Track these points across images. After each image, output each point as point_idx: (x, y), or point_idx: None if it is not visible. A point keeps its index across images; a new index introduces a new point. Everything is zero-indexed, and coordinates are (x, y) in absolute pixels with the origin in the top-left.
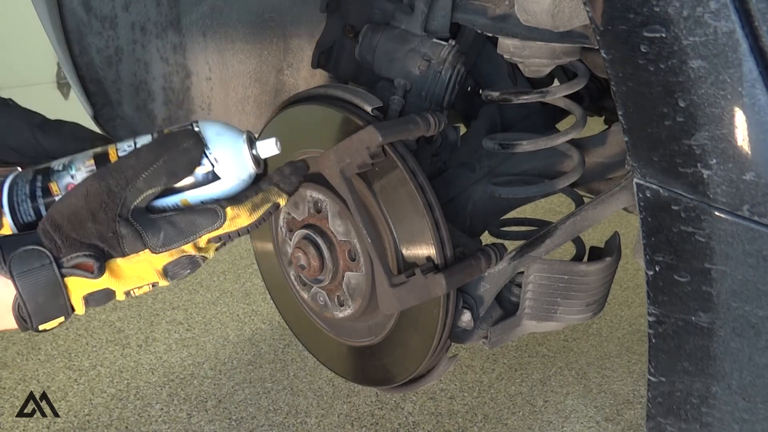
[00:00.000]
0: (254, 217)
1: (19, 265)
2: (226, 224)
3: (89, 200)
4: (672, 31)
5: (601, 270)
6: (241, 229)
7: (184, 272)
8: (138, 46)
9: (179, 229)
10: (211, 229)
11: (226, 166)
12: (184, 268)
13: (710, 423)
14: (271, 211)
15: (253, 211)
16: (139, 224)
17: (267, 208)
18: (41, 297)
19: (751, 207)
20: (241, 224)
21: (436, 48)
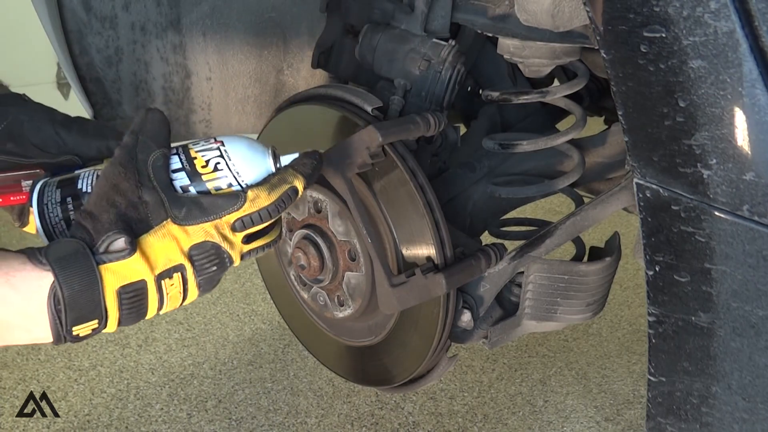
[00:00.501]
0: (273, 197)
1: (54, 253)
2: (247, 205)
3: (108, 177)
4: (672, 31)
5: (601, 270)
6: (261, 210)
7: (210, 267)
8: (138, 46)
9: (201, 207)
10: (231, 209)
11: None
12: (210, 259)
13: (710, 423)
14: (290, 193)
15: (272, 190)
16: (163, 194)
17: (285, 189)
18: (78, 284)
19: (751, 207)
20: (261, 204)
21: (436, 48)
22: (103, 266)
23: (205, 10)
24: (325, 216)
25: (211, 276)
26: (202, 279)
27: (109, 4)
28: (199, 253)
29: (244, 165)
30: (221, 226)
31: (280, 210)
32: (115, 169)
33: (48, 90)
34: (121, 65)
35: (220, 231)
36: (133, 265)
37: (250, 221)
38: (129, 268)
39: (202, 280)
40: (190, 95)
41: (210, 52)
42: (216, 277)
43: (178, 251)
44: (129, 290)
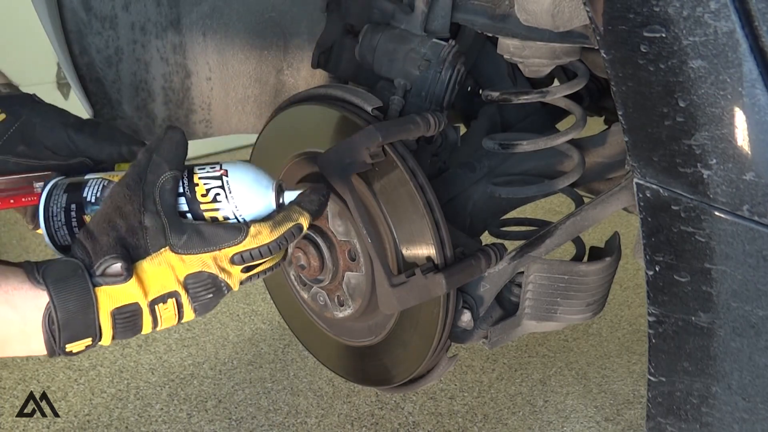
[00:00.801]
0: (275, 234)
1: (52, 273)
2: (248, 240)
3: (114, 198)
4: (672, 31)
5: (601, 270)
6: (262, 247)
7: (206, 294)
8: (138, 46)
9: (203, 237)
10: (232, 243)
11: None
12: (206, 288)
13: (710, 423)
14: (293, 231)
15: (275, 228)
16: (166, 219)
17: (289, 227)
18: (73, 306)
19: (751, 207)
20: (262, 241)
21: (436, 48)
22: (99, 288)
23: (205, 10)
24: (325, 216)
25: (207, 302)
26: (198, 305)
27: (109, 4)
28: (195, 281)
29: (244, 199)
30: (220, 258)
31: (282, 247)
32: (122, 191)
33: (48, 90)
34: (121, 65)
35: (218, 263)
36: (128, 290)
37: (249, 256)
38: (124, 293)
39: (197, 306)
40: (190, 95)
41: (210, 52)
42: (212, 302)
43: (173, 279)
44: (123, 311)
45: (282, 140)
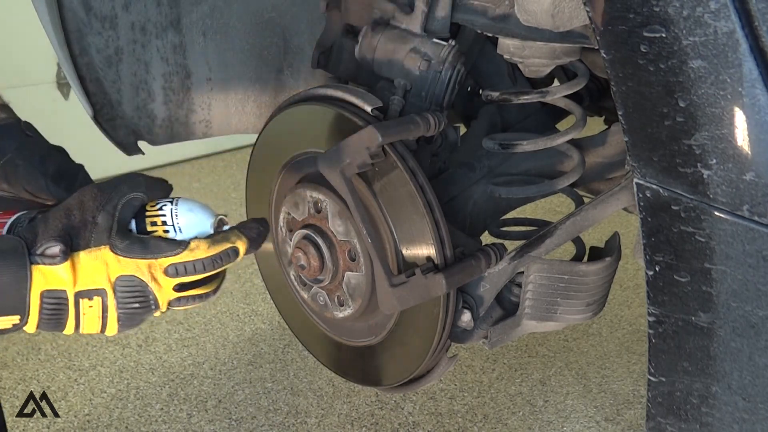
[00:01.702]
0: (212, 251)
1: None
2: (185, 253)
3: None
4: (672, 31)
5: (601, 270)
6: (197, 261)
7: (132, 303)
8: (138, 46)
9: (144, 245)
10: (170, 253)
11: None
12: (134, 295)
13: (710, 423)
14: (229, 252)
15: (212, 245)
16: (117, 224)
17: (226, 247)
18: (7, 278)
19: (751, 207)
20: (198, 255)
21: (436, 48)
22: (35, 266)
23: (205, 10)
24: (325, 216)
25: (132, 313)
26: (123, 313)
27: (109, 4)
28: (124, 285)
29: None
30: (154, 267)
31: (216, 266)
32: (92, 190)
33: (48, 90)
34: (121, 65)
35: (151, 271)
36: (60, 273)
37: (183, 269)
38: (56, 275)
39: (122, 314)
40: (190, 95)
41: (210, 52)
42: (138, 316)
43: (104, 276)
44: (51, 296)
45: (282, 140)
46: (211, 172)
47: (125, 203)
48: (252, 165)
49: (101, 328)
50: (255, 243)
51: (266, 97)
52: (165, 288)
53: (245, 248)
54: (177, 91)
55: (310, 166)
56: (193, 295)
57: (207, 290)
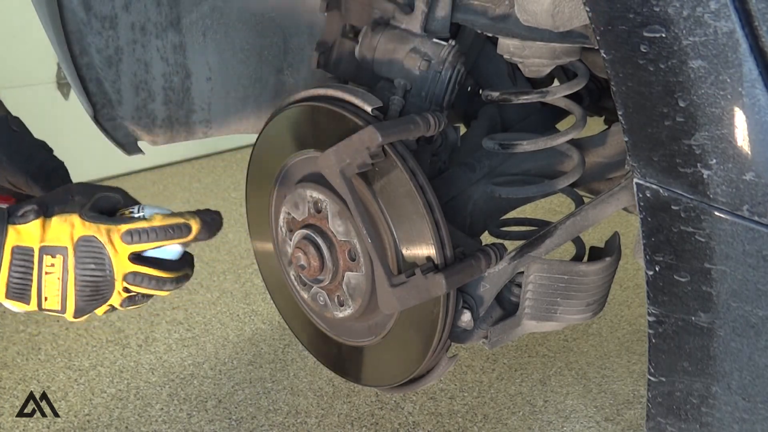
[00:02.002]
0: (165, 222)
1: None
2: (142, 222)
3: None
4: (672, 31)
5: (601, 270)
6: (150, 228)
7: (89, 263)
8: (138, 46)
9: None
10: (128, 222)
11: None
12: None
13: (710, 423)
14: (181, 226)
15: (167, 218)
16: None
17: (179, 221)
18: None
19: (751, 207)
20: (153, 223)
21: (436, 48)
22: (12, 226)
23: (205, 10)
24: (325, 216)
25: (87, 277)
26: (80, 274)
27: (109, 4)
28: (84, 246)
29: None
30: (113, 231)
31: (168, 236)
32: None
33: (48, 90)
34: (121, 65)
35: (110, 235)
36: (31, 230)
37: (138, 236)
38: (27, 232)
39: (79, 276)
40: (190, 95)
41: (210, 52)
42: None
43: (68, 235)
44: (20, 251)
45: (282, 140)
46: (211, 172)
47: (103, 196)
48: (252, 165)
49: (62, 296)
50: (208, 226)
51: (266, 97)
52: (121, 254)
53: (198, 228)
54: (177, 91)
55: (310, 166)
56: (149, 273)
57: (163, 274)
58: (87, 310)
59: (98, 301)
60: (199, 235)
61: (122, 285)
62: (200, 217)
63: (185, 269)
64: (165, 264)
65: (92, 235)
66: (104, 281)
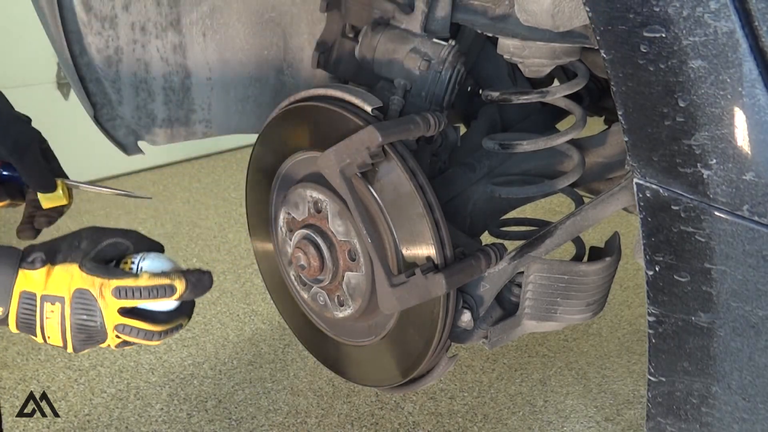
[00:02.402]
0: (151, 282)
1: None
2: (129, 279)
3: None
4: (672, 31)
5: (601, 270)
6: (136, 287)
7: (82, 314)
8: (138, 46)
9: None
10: (119, 278)
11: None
12: (84, 307)
13: (710, 423)
14: (166, 287)
15: (153, 278)
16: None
17: (164, 282)
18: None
19: (751, 207)
20: (139, 283)
21: (436, 48)
22: (22, 270)
23: (205, 10)
24: (325, 216)
25: (82, 325)
26: (75, 322)
27: (109, 4)
28: (80, 297)
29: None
30: (105, 286)
31: (152, 296)
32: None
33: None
34: (121, 65)
35: (101, 289)
36: (36, 277)
37: (125, 293)
38: (33, 279)
39: (74, 323)
40: (190, 95)
41: (210, 52)
42: (87, 329)
43: (66, 286)
44: (26, 296)
45: (282, 140)
46: (211, 172)
47: (111, 243)
48: (252, 165)
49: (62, 337)
50: (193, 287)
51: (266, 97)
52: (110, 307)
53: (183, 288)
54: (177, 91)
55: (310, 166)
56: (136, 326)
57: (151, 327)
58: (85, 348)
59: (94, 343)
60: (185, 296)
61: (114, 333)
62: (186, 279)
63: (179, 320)
64: (156, 316)
65: (86, 289)
66: (96, 330)
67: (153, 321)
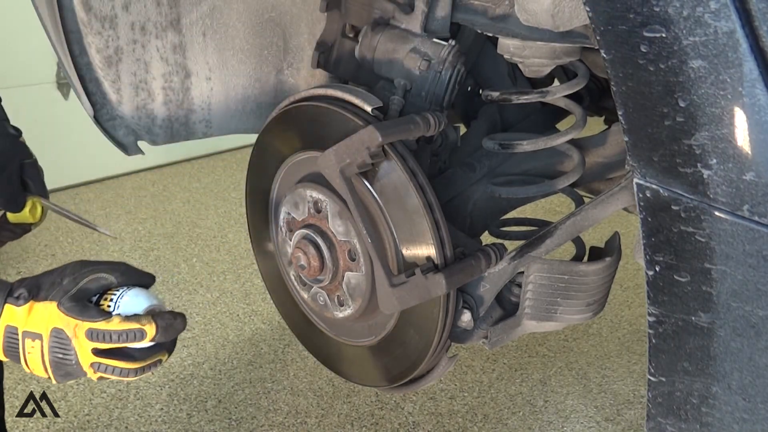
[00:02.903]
0: (122, 327)
1: None
2: (101, 323)
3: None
4: (672, 31)
5: (601, 270)
6: (106, 331)
7: (57, 352)
8: (138, 46)
9: (81, 310)
10: (91, 320)
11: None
12: (60, 346)
13: (710, 423)
14: (135, 332)
15: (124, 322)
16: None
17: (134, 327)
18: None
19: (751, 207)
20: (110, 327)
21: (436, 48)
22: (8, 305)
23: (204, 10)
24: (325, 216)
25: (58, 362)
26: (52, 359)
27: (109, 4)
28: (56, 336)
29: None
30: (79, 327)
31: (122, 340)
32: (79, 262)
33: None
34: (121, 65)
35: (75, 330)
36: (18, 314)
37: (96, 336)
38: (16, 314)
39: (52, 360)
40: (190, 95)
41: (210, 52)
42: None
43: (44, 324)
44: (10, 330)
45: (282, 140)
46: (211, 172)
47: (93, 279)
48: (252, 165)
49: (44, 370)
50: (164, 331)
51: (266, 97)
52: (84, 347)
53: (152, 333)
54: (177, 91)
55: (310, 166)
56: (111, 364)
57: (127, 365)
58: (67, 380)
59: (74, 377)
60: (156, 339)
61: (91, 370)
62: (157, 323)
63: (156, 356)
64: (132, 353)
65: (61, 328)
66: (72, 367)
67: (129, 358)
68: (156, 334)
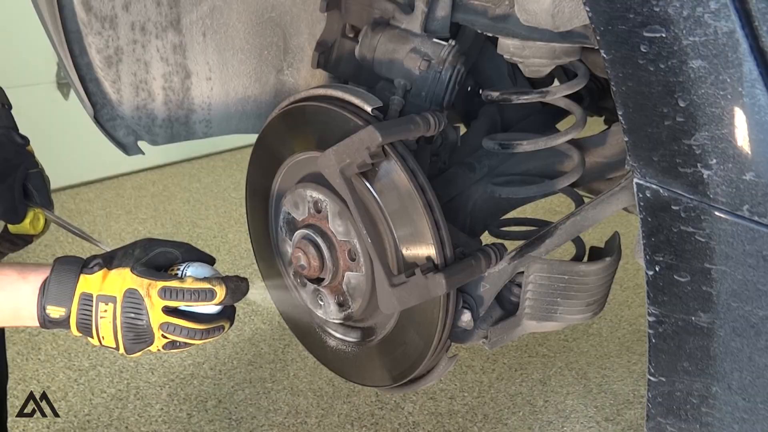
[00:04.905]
0: (194, 285)
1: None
2: (175, 281)
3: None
4: (672, 31)
5: (601, 270)
6: (179, 289)
7: (130, 312)
8: (138, 46)
9: (153, 273)
10: (165, 279)
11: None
12: (133, 307)
13: (710, 423)
14: (206, 292)
15: (196, 281)
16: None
17: (205, 286)
18: (63, 277)
19: (751, 207)
20: (183, 285)
21: (436, 48)
22: (83, 275)
23: (205, 10)
24: (325, 216)
25: (130, 323)
26: (124, 320)
27: (109, 4)
28: (129, 298)
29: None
30: (152, 286)
31: (194, 298)
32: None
33: (48, 90)
34: (121, 65)
35: (149, 289)
36: (94, 280)
37: (169, 294)
38: (91, 282)
39: (124, 321)
40: (190, 95)
41: (210, 52)
42: (135, 328)
43: (118, 287)
44: (84, 297)
45: (282, 140)
46: (211, 172)
47: (161, 252)
48: (252, 165)
49: (114, 337)
50: (233, 293)
51: (266, 97)
52: (155, 306)
53: (222, 294)
54: (177, 91)
55: (310, 166)
56: (180, 324)
57: (194, 326)
58: (135, 350)
59: (142, 343)
60: (225, 301)
61: (159, 332)
62: (226, 285)
63: (220, 322)
64: (199, 317)
65: (135, 289)
66: (143, 329)
67: (196, 321)
68: (225, 295)
